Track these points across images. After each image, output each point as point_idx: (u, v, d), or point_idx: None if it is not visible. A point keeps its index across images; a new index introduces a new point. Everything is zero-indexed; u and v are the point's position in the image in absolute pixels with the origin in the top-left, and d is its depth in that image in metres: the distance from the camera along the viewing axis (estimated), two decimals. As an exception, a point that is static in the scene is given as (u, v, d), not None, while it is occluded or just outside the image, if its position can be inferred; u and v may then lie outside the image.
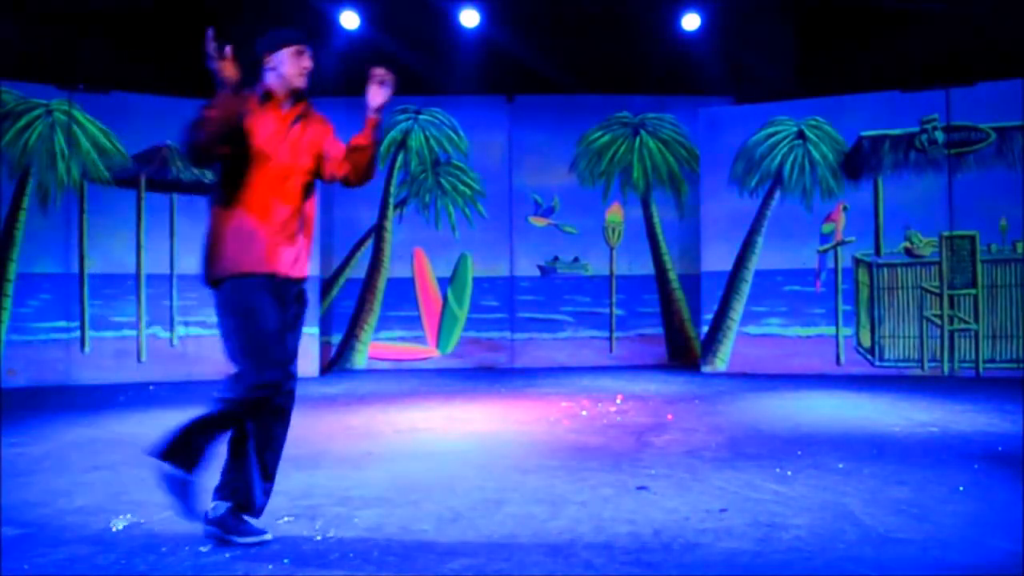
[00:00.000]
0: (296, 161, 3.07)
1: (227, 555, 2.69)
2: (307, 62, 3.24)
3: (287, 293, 3.01)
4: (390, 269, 9.31)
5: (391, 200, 9.33)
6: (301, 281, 3.09)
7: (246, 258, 2.91)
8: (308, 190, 3.16)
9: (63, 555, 2.71)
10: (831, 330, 8.22)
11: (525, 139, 9.37)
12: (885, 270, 8.08)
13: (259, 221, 2.94)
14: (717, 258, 8.58)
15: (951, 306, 7.84)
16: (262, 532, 2.89)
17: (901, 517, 3.04)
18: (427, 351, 9.29)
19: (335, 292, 9.26)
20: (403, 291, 9.29)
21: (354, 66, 9.12)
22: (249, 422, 2.99)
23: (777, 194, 8.45)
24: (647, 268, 9.42)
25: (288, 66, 3.16)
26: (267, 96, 3.08)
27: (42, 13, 7.92)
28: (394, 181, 9.34)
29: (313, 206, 3.24)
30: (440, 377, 8.41)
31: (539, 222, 9.39)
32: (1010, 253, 7.66)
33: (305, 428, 5.26)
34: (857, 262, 8.18)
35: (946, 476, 3.68)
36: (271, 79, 3.13)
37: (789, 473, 3.75)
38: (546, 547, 2.73)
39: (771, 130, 8.49)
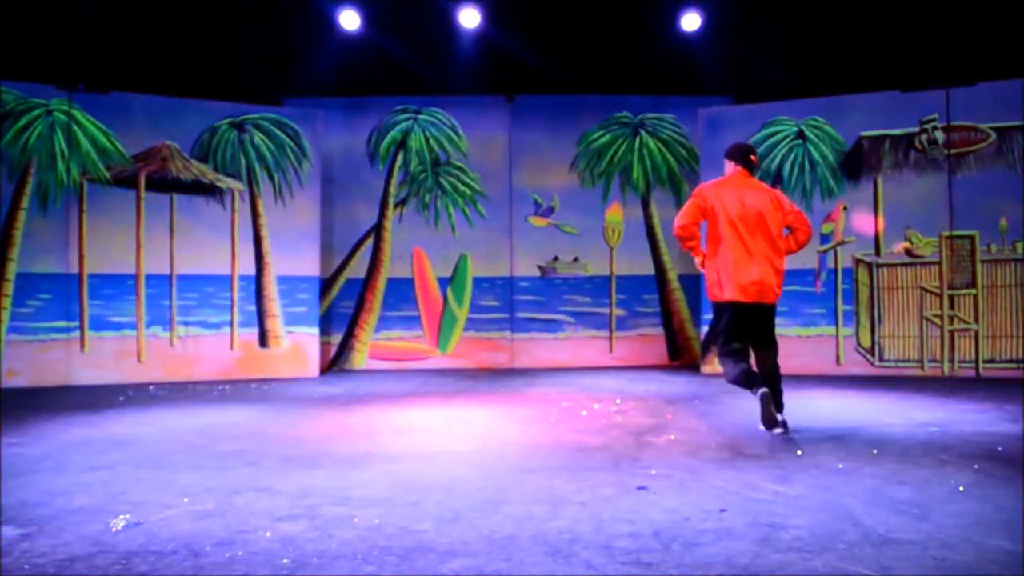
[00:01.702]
0: None
1: (227, 555, 2.69)
2: None
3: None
4: (390, 269, 9.31)
5: (391, 200, 9.33)
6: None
7: None
8: None
9: (63, 555, 2.71)
10: (831, 330, 8.22)
11: (525, 139, 9.38)
12: (885, 270, 8.08)
13: None
14: (717, 258, 8.56)
15: (951, 306, 7.85)
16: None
17: (901, 517, 3.03)
18: (427, 351, 9.29)
19: (335, 292, 9.26)
20: (403, 291, 9.30)
21: (354, 66, 9.14)
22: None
23: (777, 194, 8.44)
24: (647, 268, 9.43)
25: None
26: None
27: (42, 13, 7.92)
28: (394, 181, 9.35)
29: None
30: (440, 377, 8.42)
31: (539, 222, 9.40)
32: (1010, 253, 7.67)
33: (305, 428, 5.27)
34: (857, 262, 8.18)
35: (946, 476, 3.68)
36: None
37: (789, 473, 3.75)
38: (546, 547, 2.73)
39: (771, 130, 8.49)
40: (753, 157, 5.12)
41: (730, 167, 5.11)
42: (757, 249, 4.86)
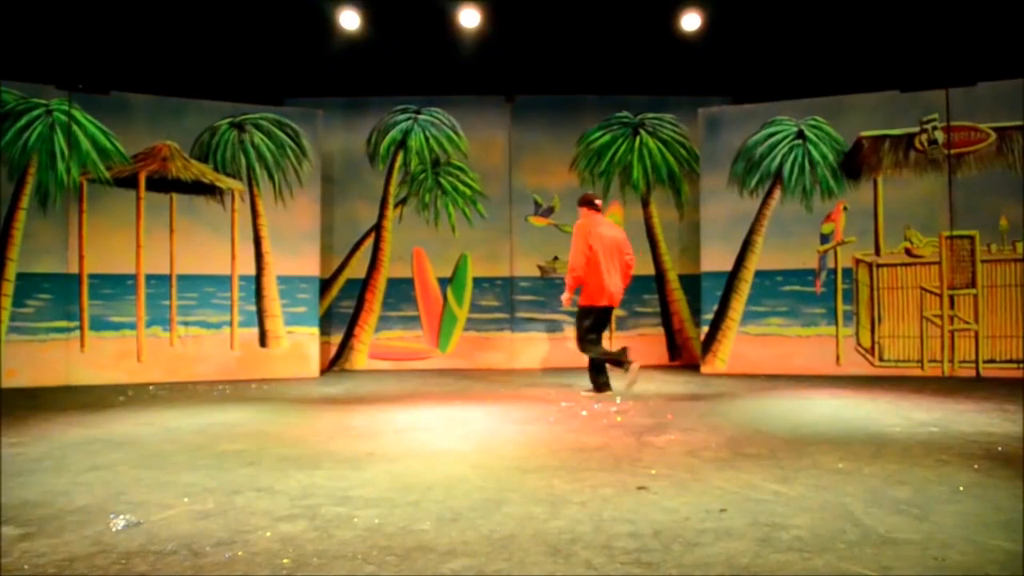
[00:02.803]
0: None
1: (227, 555, 2.69)
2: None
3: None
4: (390, 269, 9.31)
5: (391, 200, 9.34)
6: None
7: None
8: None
9: (63, 555, 2.71)
10: (831, 330, 8.22)
11: (525, 139, 9.38)
12: (885, 270, 8.08)
13: None
14: (717, 258, 8.58)
15: (951, 306, 7.85)
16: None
17: (901, 517, 3.04)
18: (427, 351, 9.29)
19: (335, 292, 9.26)
20: (403, 291, 9.30)
21: (354, 66, 9.15)
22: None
23: (777, 194, 8.45)
24: (647, 268, 9.42)
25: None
26: None
27: (42, 13, 7.93)
28: (394, 181, 9.35)
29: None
30: (440, 377, 8.41)
31: (539, 222, 9.40)
32: (1010, 253, 7.67)
33: (305, 428, 5.27)
34: (857, 262, 8.19)
35: (946, 476, 3.68)
36: None
37: (789, 473, 3.75)
38: (546, 547, 2.73)
39: (771, 130, 8.49)
40: (597, 202, 6.99)
41: (587, 211, 6.85)
42: (614, 268, 6.78)
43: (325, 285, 9.11)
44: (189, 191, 8.27)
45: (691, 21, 8.84)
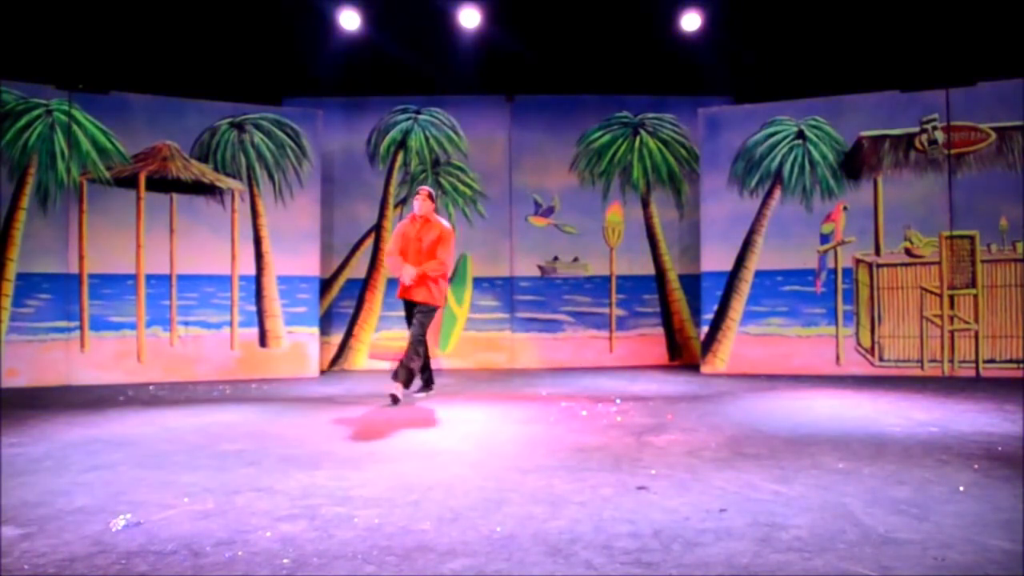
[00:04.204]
0: (419, 246, 6.66)
1: (227, 555, 2.69)
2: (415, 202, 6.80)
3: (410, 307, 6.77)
4: (390, 269, 9.30)
5: (391, 200, 9.33)
6: (415, 303, 6.65)
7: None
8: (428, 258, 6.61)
9: (63, 555, 2.71)
10: (831, 330, 8.22)
11: (525, 139, 9.38)
12: (885, 270, 8.08)
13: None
14: (717, 258, 8.58)
15: (951, 306, 7.85)
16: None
17: (901, 517, 3.04)
18: (427, 351, 9.28)
19: (335, 292, 9.26)
20: (403, 291, 9.29)
21: (354, 66, 9.15)
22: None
23: (777, 194, 8.45)
24: (647, 268, 9.42)
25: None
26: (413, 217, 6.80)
27: (42, 13, 7.93)
28: (394, 181, 9.35)
29: (431, 266, 6.60)
30: (440, 377, 8.41)
31: (539, 222, 9.40)
32: (1010, 253, 7.67)
33: (305, 428, 5.27)
34: (857, 262, 8.19)
35: (946, 476, 3.68)
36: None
37: (789, 473, 3.75)
38: (546, 547, 2.73)
39: (771, 130, 8.49)
40: None
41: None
42: None
43: (325, 285, 9.11)
44: (189, 191, 8.27)
45: (691, 21, 8.84)
